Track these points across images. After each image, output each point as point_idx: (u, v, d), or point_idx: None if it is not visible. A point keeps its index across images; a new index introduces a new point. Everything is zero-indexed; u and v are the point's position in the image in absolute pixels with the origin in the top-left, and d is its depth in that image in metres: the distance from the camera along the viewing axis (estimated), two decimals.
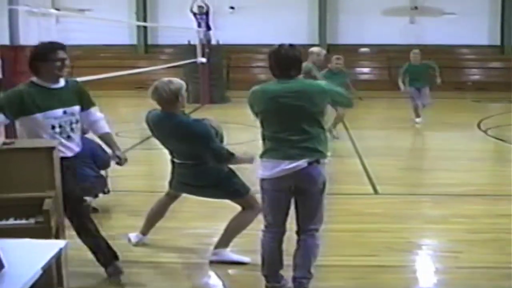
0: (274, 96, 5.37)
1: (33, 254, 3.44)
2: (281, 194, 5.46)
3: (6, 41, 8.14)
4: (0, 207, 5.12)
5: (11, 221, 5.09)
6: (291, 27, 27.84)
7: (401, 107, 17.89)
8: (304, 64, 5.97)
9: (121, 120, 15.17)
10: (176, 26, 24.76)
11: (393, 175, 10.63)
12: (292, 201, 5.53)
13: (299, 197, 5.49)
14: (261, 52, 25.29)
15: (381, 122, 18.00)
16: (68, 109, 5.75)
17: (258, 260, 5.75)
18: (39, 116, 5.61)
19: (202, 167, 6.38)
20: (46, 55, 5.64)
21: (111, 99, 23.43)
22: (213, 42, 24.99)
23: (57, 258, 3.86)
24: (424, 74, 16.62)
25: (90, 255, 6.05)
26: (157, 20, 29.46)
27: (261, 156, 5.49)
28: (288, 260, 5.59)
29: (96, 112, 6.14)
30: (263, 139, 5.53)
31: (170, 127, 6.36)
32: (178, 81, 6.48)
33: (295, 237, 5.58)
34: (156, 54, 29.03)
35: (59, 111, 5.69)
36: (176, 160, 6.58)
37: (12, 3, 8.15)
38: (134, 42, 29.44)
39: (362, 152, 12.27)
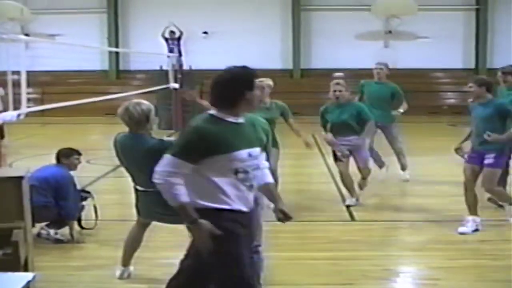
0: None
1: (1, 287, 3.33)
2: None
3: None
4: None
5: None
6: (265, 51, 27.95)
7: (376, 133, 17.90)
8: None
9: (92, 147, 14.95)
10: (148, 52, 24.71)
11: (370, 201, 10.52)
12: None
13: None
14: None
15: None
16: (253, 151, 4.76)
17: None
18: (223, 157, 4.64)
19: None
20: (253, 83, 4.86)
21: (81, 125, 23.33)
22: (186, 67, 24.96)
23: None
24: (387, 101, 12.22)
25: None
26: (128, 45, 29.40)
27: None
28: None
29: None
30: None
31: (138, 149, 6.24)
32: (147, 103, 6.44)
33: None
34: (128, 80, 28.92)
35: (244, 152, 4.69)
36: (139, 188, 6.43)
37: None
38: (106, 67, 29.33)
39: (337, 178, 12.17)
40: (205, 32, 28.75)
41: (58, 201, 7.94)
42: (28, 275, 3.65)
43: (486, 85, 8.35)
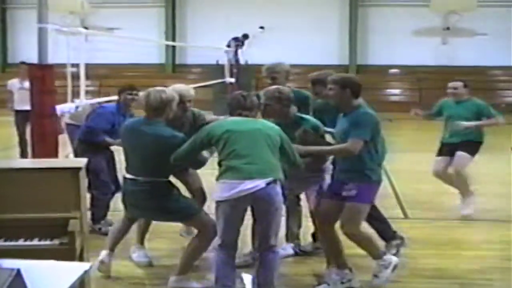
0: None
1: (57, 276, 3.35)
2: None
3: (35, 59, 8.11)
4: (25, 227, 5.08)
5: (35, 242, 5.04)
6: (321, 47, 27.88)
7: (431, 129, 17.65)
8: None
9: None
10: (205, 46, 24.80)
11: (424, 199, 10.47)
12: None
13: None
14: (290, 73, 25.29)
15: (411, 145, 17.80)
16: None
17: None
18: None
19: (151, 184, 6.26)
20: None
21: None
22: (242, 62, 25.01)
23: (81, 281, 3.78)
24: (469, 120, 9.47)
25: (112, 278, 5.96)
26: (186, 39, 29.57)
27: None
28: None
29: None
30: None
31: (149, 134, 6.30)
32: (171, 93, 6.47)
33: None
34: (184, 74, 29.09)
35: None
36: (128, 176, 6.43)
37: (41, 21, 8.11)
38: (163, 61, 29.56)
39: (392, 175, 12.11)
40: (262, 27, 28.75)
41: None
42: (85, 265, 3.68)
43: None
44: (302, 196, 7.41)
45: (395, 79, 28.86)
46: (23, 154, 13.01)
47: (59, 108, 8.31)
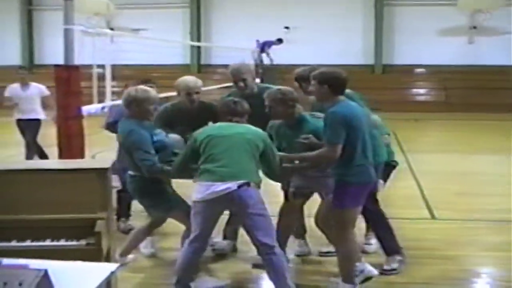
0: None
1: (84, 277, 3.36)
2: None
3: (60, 61, 8.17)
4: (52, 228, 5.10)
5: (62, 242, 5.06)
6: (346, 47, 27.82)
7: (457, 130, 17.64)
8: None
9: None
10: (230, 46, 24.83)
11: (450, 199, 10.39)
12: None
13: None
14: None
15: (437, 145, 17.72)
16: None
17: None
18: None
19: (134, 179, 6.40)
20: None
21: None
22: (266, 62, 25.03)
23: (108, 282, 3.78)
24: None
25: (139, 279, 5.97)
26: (210, 40, 29.63)
27: None
28: None
29: None
30: None
31: (120, 130, 6.47)
32: (143, 93, 6.41)
33: None
34: (209, 74, 29.11)
35: None
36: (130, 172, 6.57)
37: (67, 22, 8.17)
38: (188, 62, 29.62)
39: (418, 175, 12.06)
40: (287, 27, 28.74)
41: None
42: (112, 266, 3.67)
43: None
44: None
45: (421, 78, 28.75)
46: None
47: (85, 109, 8.36)
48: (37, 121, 12.19)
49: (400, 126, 10.62)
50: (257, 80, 21.41)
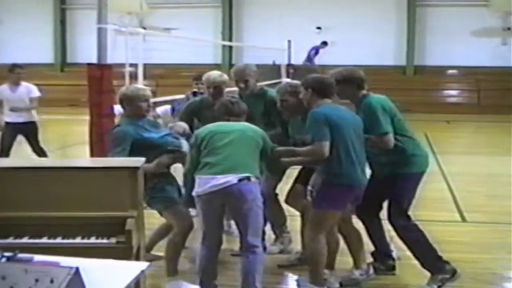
0: None
1: (114, 275, 3.39)
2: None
3: (93, 59, 8.24)
4: (83, 226, 5.12)
5: (92, 240, 5.08)
6: (378, 47, 27.71)
7: (489, 132, 17.50)
8: None
9: None
10: (261, 46, 24.86)
11: (481, 202, 10.32)
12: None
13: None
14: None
15: (468, 147, 17.58)
16: None
17: None
18: None
19: None
20: None
21: None
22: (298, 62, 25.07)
23: (137, 281, 3.80)
24: None
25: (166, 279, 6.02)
26: (242, 40, 29.68)
27: None
28: None
29: None
30: None
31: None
32: (134, 91, 6.42)
33: None
34: None
35: None
36: None
37: (100, 21, 8.23)
38: (219, 61, 29.69)
39: (449, 177, 11.99)
40: (319, 28, 28.72)
41: None
42: (142, 265, 3.68)
43: None
44: None
45: (453, 80, 28.53)
46: None
47: (117, 107, 8.41)
48: (32, 124, 11.31)
49: (431, 127, 10.56)
50: (287, 80, 21.59)
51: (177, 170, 6.73)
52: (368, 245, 6.75)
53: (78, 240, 5.07)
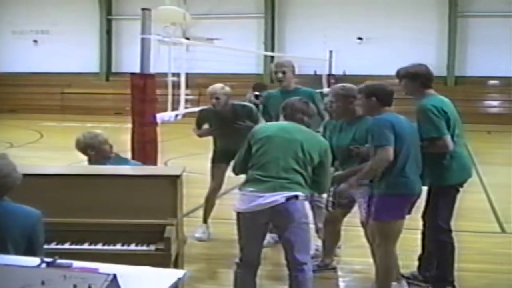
0: None
1: (151, 282, 3.44)
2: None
3: (137, 69, 8.35)
4: (123, 232, 5.22)
5: (132, 247, 5.18)
6: (419, 58, 27.24)
7: None
8: None
9: None
10: (303, 57, 24.89)
11: None
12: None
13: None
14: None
15: (509, 158, 17.34)
16: None
17: None
18: None
19: None
20: None
21: None
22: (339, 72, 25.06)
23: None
24: None
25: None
26: (284, 50, 29.71)
27: None
28: None
29: None
30: None
31: None
32: (90, 135, 6.52)
33: None
34: None
35: None
36: None
37: (144, 32, 8.35)
38: (261, 71, 29.76)
39: (489, 188, 11.91)
40: (360, 38, 28.68)
41: None
42: (179, 272, 3.70)
43: None
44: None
45: (494, 91, 28.31)
46: None
47: (159, 116, 8.52)
48: None
49: (472, 138, 10.51)
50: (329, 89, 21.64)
51: None
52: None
53: (118, 246, 5.18)
